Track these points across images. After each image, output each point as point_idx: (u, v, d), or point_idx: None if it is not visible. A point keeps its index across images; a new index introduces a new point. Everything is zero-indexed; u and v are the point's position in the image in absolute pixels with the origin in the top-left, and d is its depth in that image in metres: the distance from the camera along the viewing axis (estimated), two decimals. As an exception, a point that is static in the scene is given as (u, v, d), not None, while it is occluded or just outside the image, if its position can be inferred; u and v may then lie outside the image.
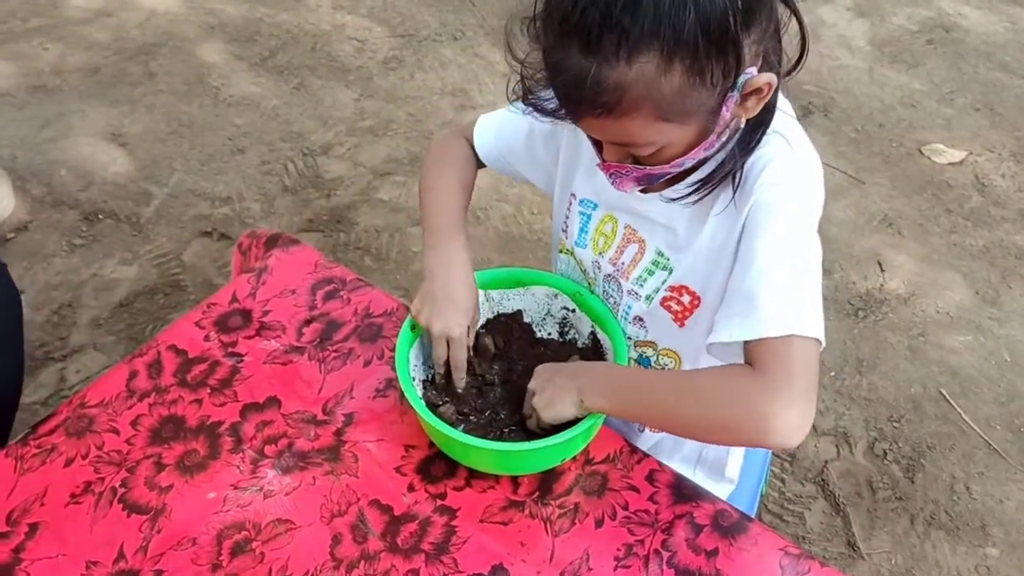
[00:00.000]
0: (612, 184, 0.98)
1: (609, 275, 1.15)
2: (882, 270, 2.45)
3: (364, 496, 1.04)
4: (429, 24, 3.31)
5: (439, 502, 1.03)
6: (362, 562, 0.98)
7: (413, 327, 1.09)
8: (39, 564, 0.97)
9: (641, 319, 1.15)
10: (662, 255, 1.08)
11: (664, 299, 1.09)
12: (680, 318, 1.09)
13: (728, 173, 0.96)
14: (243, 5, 3.33)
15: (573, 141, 1.13)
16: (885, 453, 2.02)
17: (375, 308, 1.25)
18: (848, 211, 2.62)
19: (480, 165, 1.24)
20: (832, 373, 2.18)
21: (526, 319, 1.20)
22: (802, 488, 1.95)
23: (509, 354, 1.16)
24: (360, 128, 2.84)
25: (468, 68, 3.11)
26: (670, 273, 1.08)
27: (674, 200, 1.01)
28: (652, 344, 1.17)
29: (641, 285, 1.11)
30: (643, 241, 1.10)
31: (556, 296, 1.18)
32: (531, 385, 1.05)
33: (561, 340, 1.20)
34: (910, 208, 2.66)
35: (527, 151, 1.19)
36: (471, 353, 1.12)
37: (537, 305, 1.20)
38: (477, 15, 3.36)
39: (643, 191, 1.05)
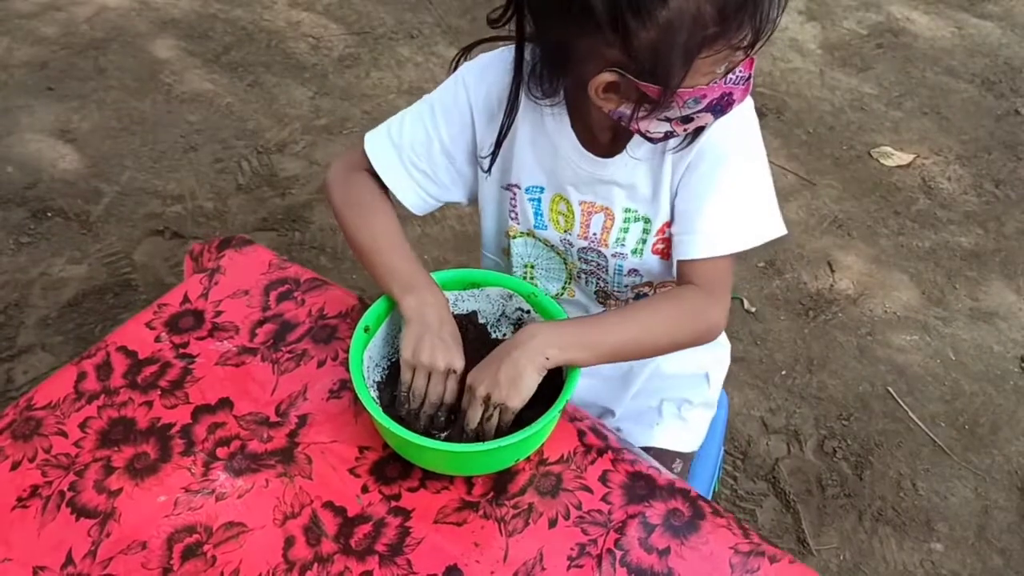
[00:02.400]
0: (739, 99, 0.99)
1: (585, 248, 1.20)
2: (832, 271, 2.50)
3: (317, 498, 1.03)
4: (385, 22, 3.29)
5: (393, 503, 1.03)
6: (315, 564, 0.97)
7: (366, 328, 1.09)
8: (-16, 570, 0.96)
9: (635, 270, 1.20)
10: (630, 211, 1.15)
11: (654, 246, 1.16)
12: (667, 254, 1.16)
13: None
14: (196, 1, 3.29)
15: (493, 134, 1.15)
16: (834, 451, 2.06)
17: (329, 309, 1.24)
18: (800, 212, 2.66)
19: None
20: (783, 372, 2.22)
21: (481, 320, 1.20)
22: (753, 485, 1.98)
23: (464, 355, 1.16)
24: (315, 126, 2.82)
25: (425, 67, 3.10)
26: (647, 222, 1.15)
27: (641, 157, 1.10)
28: (649, 284, 1.24)
29: (622, 245, 1.17)
30: (606, 208, 1.15)
31: (511, 297, 1.19)
32: (481, 390, 1.02)
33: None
34: (859, 210, 2.71)
35: (437, 149, 1.18)
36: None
37: (492, 306, 1.20)
38: (434, 13, 3.35)
39: (604, 155, 1.11)
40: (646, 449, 1.33)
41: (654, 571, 0.99)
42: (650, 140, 1.05)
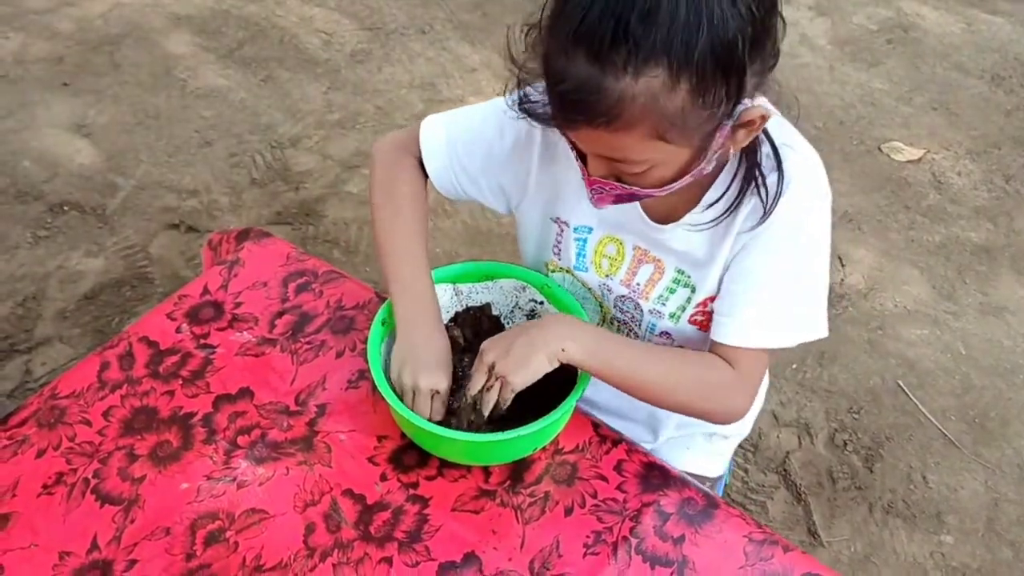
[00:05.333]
0: (591, 200, 0.98)
1: (624, 296, 1.16)
2: (842, 265, 2.50)
3: (337, 486, 1.05)
4: (397, 17, 3.31)
5: (411, 491, 1.05)
6: (335, 550, 0.99)
7: (384, 321, 1.11)
8: (12, 555, 0.98)
9: (668, 334, 1.16)
10: (683, 273, 1.10)
11: (692, 316, 1.12)
12: (707, 326, 1.11)
13: (742, 194, 1.00)
14: (209, -4, 3.32)
15: (554, 165, 1.12)
16: (845, 444, 2.07)
17: (347, 301, 1.26)
18: (810, 207, 2.67)
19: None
20: (794, 365, 2.23)
21: (494, 312, 1.22)
22: (765, 478, 2.00)
23: (478, 347, 1.18)
24: (328, 121, 2.84)
25: (436, 62, 3.12)
26: (693, 291, 1.10)
27: (697, 227, 1.04)
28: (681, 347, 1.19)
29: (663, 304, 1.13)
30: (659, 260, 1.11)
31: (524, 288, 1.20)
32: (489, 357, 1.01)
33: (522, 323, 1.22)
34: (869, 205, 2.71)
35: (491, 158, 1.15)
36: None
37: (505, 298, 1.22)
38: (445, 9, 3.36)
39: (659, 221, 1.07)
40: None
41: (669, 559, 1.00)
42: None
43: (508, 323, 1.22)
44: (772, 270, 1.03)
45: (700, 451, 1.37)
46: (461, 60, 3.13)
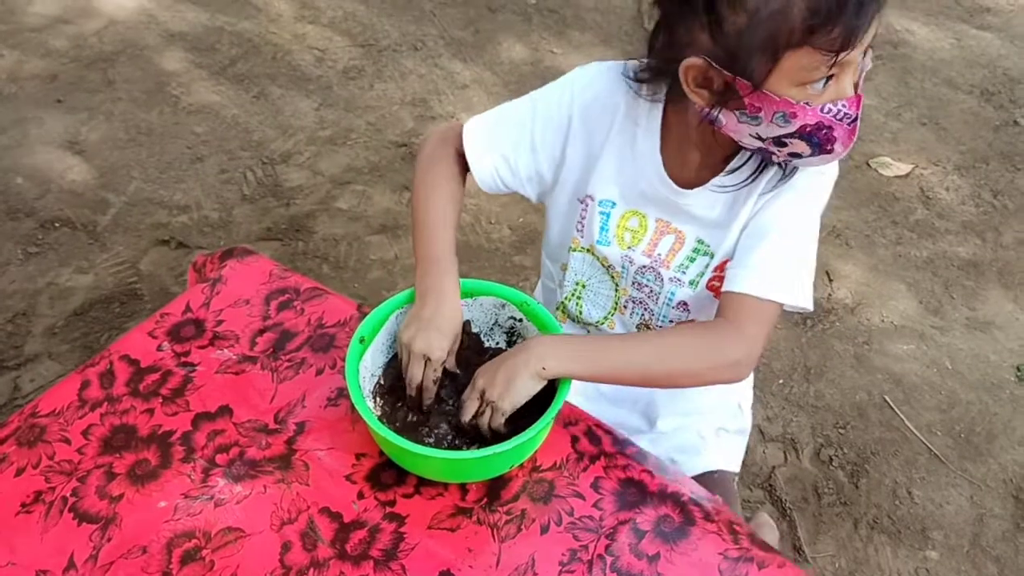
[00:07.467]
0: (844, 140, 0.98)
1: (645, 267, 1.20)
2: (830, 280, 2.51)
3: (314, 504, 1.06)
4: (389, 34, 3.33)
5: (388, 509, 1.05)
6: (311, 569, 1.00)
7: (362, 339, 1.11)
8: (-11, 573, 0.98)
9: (685, 303, 1.20)
10: (703, 242, 1.16)
11: (710, 281, 1.16)
12: (720, 292, 1.14)
13: (765, 160, 1.07)
14: (203, 13, 3.33)
15: (585, 143, 1.17)
16: (831, 459, 2.07)
17: (328, 319, 1.27)
18: (798, 222, 2.68)
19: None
20: (780, 380, 2.23)
21: (474, 329, 1.22)
22: (750, 493, 2.00)
23: (458, 363, 1.19)
24: (320, 137, 2.85)
25: (428, 78, 3.13)
26: (712, 257, 1.15)
27: (723, 189, 1.10)
28: (693, 320, 1.23)
29: (684, 272, 1.18)
30: (679, 231, 1.17)
31: (503, 306, 1.21)
32: (480, 384, 1.05)
33: (509, 349, 1.22)
34: (857, 220, 2.73)
35: (525, 144, 1.20)
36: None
37: (485, 315, 1.23)
38: (438, 26, 3.39)
39: (684, 186, 1.12)
40: (706, 475, 1.34)
41: (643, 576, 1.01)
42: (746, 148, 1.06)
43: (487, 340, 1.23)
44: (785, 226, 1.08)
45: (716, 445, 1.39)
46: (453, 77, 3.15)
